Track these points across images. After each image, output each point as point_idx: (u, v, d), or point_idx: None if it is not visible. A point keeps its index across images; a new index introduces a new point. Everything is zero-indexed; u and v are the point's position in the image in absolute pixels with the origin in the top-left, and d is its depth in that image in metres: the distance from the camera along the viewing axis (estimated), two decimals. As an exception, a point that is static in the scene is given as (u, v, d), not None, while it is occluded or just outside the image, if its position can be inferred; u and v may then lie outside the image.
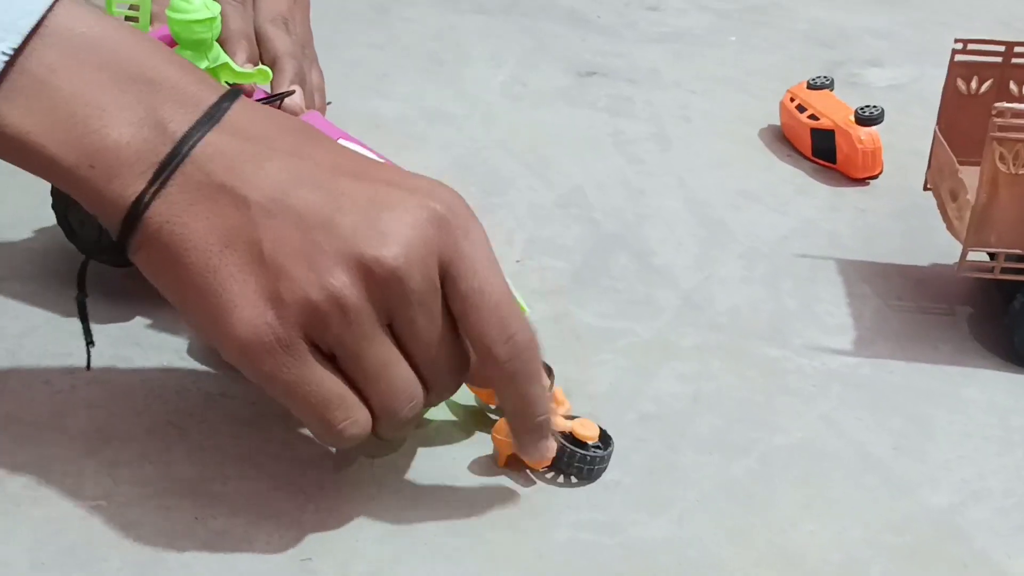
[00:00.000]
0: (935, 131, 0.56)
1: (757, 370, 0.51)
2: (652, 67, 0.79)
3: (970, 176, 0.52)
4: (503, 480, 0.45)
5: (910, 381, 0.51)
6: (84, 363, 0.48)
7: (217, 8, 0.49)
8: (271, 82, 0.55)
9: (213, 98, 0.41)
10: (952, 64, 0.55)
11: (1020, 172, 0.49)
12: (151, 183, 0.39)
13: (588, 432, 0.45)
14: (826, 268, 0.59)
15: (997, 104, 0.48)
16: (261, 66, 0.54)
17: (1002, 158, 0.49)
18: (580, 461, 0.44)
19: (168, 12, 0.49)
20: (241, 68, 0.52)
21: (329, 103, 0.72)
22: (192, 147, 0.40)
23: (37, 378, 0.48)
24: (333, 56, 0.78)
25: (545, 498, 0.44)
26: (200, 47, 0.49)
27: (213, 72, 0.50)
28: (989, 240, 0.50)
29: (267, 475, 0.44)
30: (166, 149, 0.39)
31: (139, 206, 0.39)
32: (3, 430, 0.46)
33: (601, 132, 0.70)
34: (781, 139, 0.70)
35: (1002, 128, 0.48)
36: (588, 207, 0.63)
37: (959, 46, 0.54)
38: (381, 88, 0.74)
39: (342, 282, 0.39)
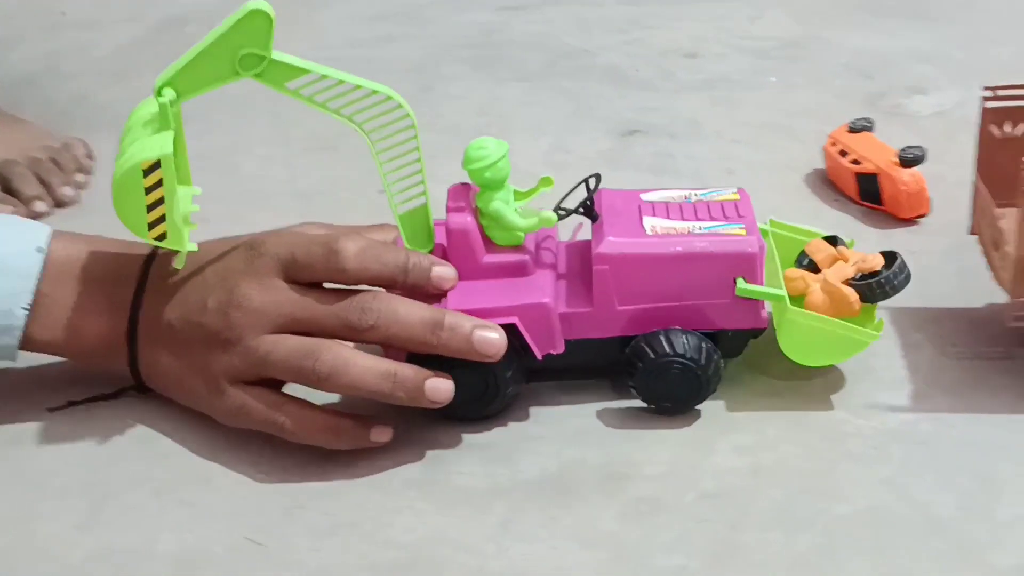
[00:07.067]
0: (975, 178, 0.56)
1: (816, 435, 0.52)
2: (692, 118, 0.79)
3: (1014, 219, 0.51)
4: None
5: (971, 435, 0.51)
6: (170, 488, 0.51)
7: (506, 144, 0.53)
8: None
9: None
10: (984, 111, 0.55)
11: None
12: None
13: (872, 264, 0.54)
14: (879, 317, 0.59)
15: (1028, 155, 0.48)
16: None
17: (1039, 207, 0.49)
18: (876, 288, 0.53)
19: (467, 166, 0.53)
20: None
21: (381, 191, 0.74)
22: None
23: (124, 504, 0.51)
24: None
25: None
26: (504, 183, 0.54)
27: (519, 195, 0.55)
28: (1036, 289, 0.50)
29: (346, 587, 0.46)
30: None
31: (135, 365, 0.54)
32: (100, 560, 0.48)
33: (647, 194, 0.71)
34: (827, 183, 0.71)
35: (1036, 177, 0.48)
36: (639, 276, 0.64)
37: (989, 94, 0.54)
38: (431, 171, 0.75)
39: None
